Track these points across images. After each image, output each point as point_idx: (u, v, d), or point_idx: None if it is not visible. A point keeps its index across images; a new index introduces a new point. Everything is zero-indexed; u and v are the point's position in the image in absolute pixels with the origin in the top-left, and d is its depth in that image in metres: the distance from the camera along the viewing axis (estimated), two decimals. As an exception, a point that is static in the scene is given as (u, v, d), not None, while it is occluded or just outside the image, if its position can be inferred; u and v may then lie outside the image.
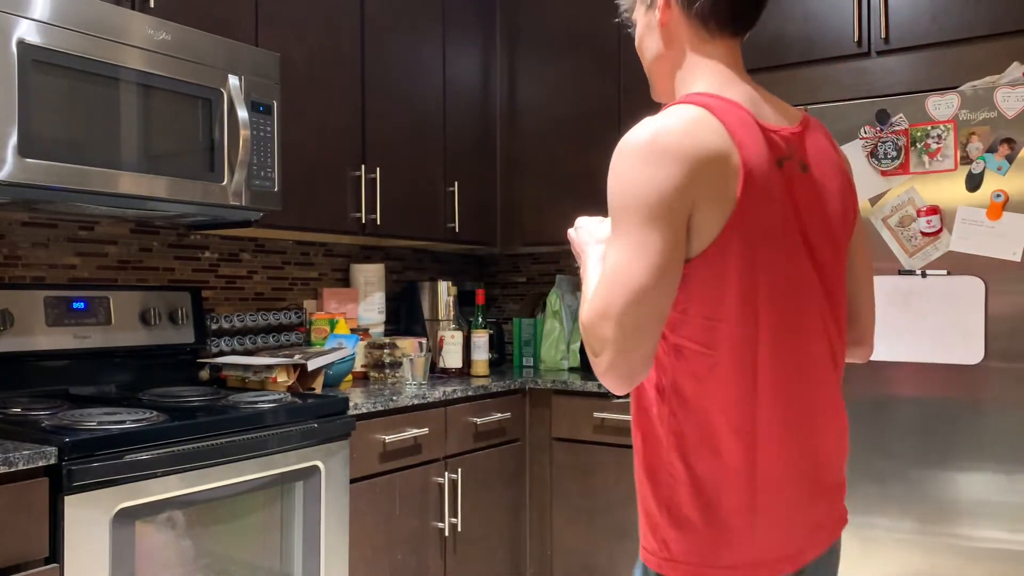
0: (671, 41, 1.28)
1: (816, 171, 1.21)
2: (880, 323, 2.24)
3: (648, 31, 1.31)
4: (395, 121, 2.97)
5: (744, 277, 1.12)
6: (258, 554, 2.08)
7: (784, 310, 1.15)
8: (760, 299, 1.13)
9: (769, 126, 1.17)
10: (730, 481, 1.13)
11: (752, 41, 2.65)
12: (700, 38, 1.25)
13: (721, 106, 1.14)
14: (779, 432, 1.15)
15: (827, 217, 1.21)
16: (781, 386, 1.15)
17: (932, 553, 2.19)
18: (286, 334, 3.02)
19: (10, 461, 1.59)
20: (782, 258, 1.15)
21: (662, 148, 1.10)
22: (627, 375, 1.11)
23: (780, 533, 1.15)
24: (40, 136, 1.87)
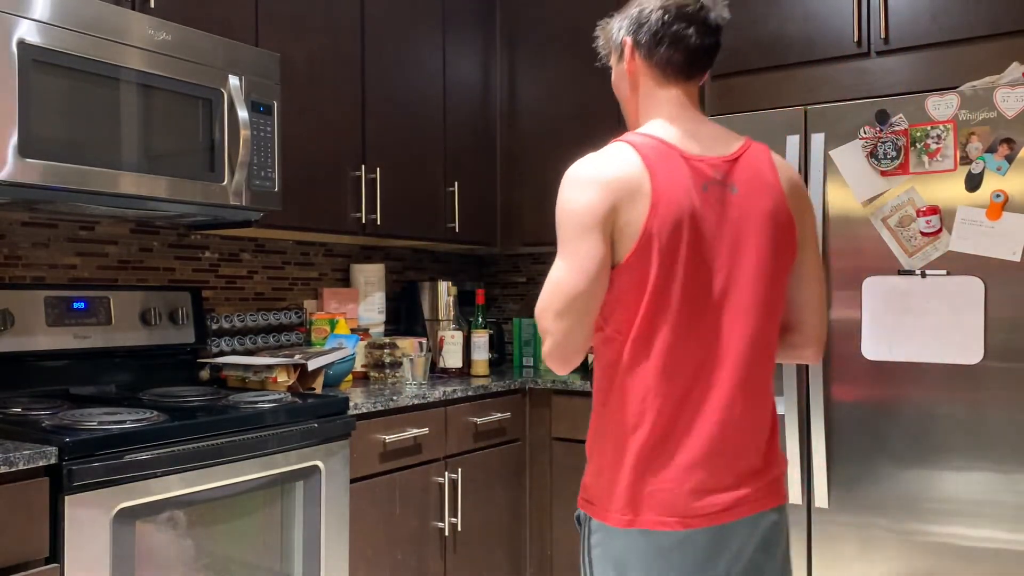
0: (636, 85, 1.54)
1: (744, 191, 1.43)
2: (880, 323, 2.24)
3: (620, 77, 1.57)
4: (395, 121, 2.97)
5: (657, 282, 1.37)
6: (258, 554, 2.08)
7: (684, 312, 1.38)
8: (670, 301, 1.37)
9: (695, 157, 1.41)
10: (629, 443, 1.39)
11: (752, 41, 2.66)
12: (658, 83, 1.50)
13: (645, 142, 1.41)
14: (671, 411, 1.38)
15: (757, 229, 1.42)
16: (674, 377, 1.38)
17: (932, 553, 2.19)
18: (286, 334, 3.02)
19: (10, 461, 1.59)
20: (691, 267, 1.37)
21: (587, 176, 1.39)
22: (562, 360, 1.41)
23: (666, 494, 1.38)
24: (40, 136, 1.87)
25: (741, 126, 2.45)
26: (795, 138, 2.34)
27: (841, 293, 2.29)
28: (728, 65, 2.71)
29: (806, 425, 2.33)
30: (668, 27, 1.46)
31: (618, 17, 1.55)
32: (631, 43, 1.51)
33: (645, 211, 1.36)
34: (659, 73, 1.50)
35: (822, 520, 2.32)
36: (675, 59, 1.47)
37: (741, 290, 1.40)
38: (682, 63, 1.48)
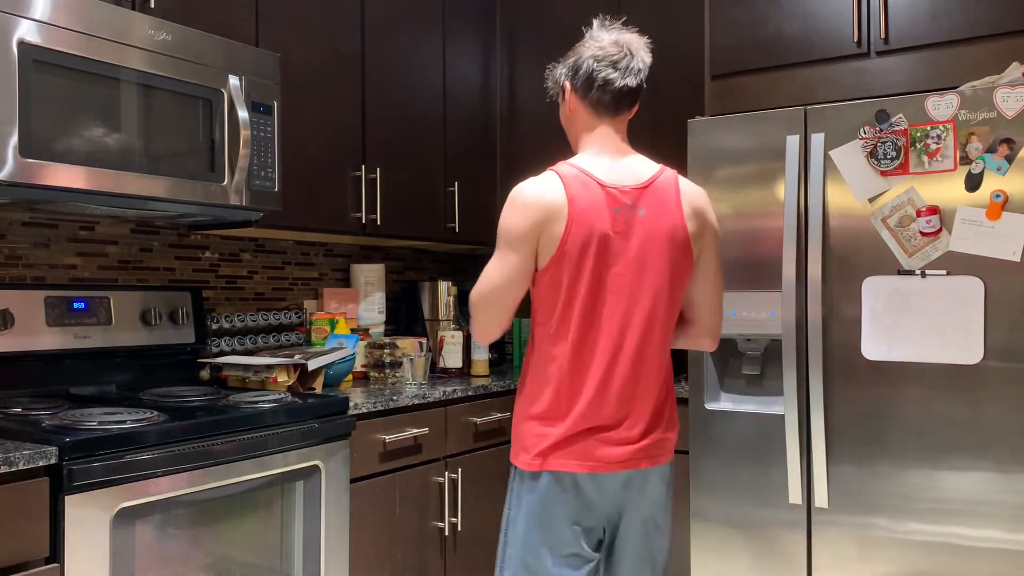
0: (574, 121, 1.89)
1: (650, 213, 1.78)
2: (879, 323, 2.24)
3: (562, 114, 1.92)
4: (395, 121, 2.97)
5: (569, 283, 1.75)
6: (258, 554, 2.08)
7: (589, 307, 1.76)
8: (577, 298, 1.76)
9: (611, 185, 1.77)
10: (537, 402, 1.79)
11: (752, 41, 2.66)
12: (591, 119, 1.86)
13: (570, 172, 1.78)
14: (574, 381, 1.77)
15: (659, 244, 1.78)
16: (579, 355, 1.77)
17: (932, 553, 2.19)
18: (286, 334, 3.02)
19: (10, 461, 1.59)
20: (595, 274, 1.75)
21: (522, 201, 1.77)
22: (482, 334, 1.85)
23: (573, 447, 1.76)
24: (40, 136, 1.87)
25: (741, 126, 2.45)
26: (795, 138, 2.34)
27: (841, 293, 2.29)
28: (728, 65, 2.71)
29: (806, 425, 2.33)
30: (598, 73, 1.80)
31: (561, 64, 1.89)
32: (569, 86, 1.86)
33: (562, 230, 1.74)
34: (591, 111, 1.85)
35: (822, 520, 2.32)
36: (604, 100, 1.82)
37: (643, 292, 1.77)
38: (609, 103, 1.82)
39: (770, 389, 2.47)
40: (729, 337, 2.50)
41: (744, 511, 2.43)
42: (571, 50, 1.89)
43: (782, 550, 2.37)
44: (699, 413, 2.51)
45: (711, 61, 2.74)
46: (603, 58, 1.82)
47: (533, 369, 1.82)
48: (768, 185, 2.40)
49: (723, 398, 2.54)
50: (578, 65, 1.84)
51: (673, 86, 3.04)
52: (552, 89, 1.95)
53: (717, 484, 2.47)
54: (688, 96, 2.96)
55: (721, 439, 2.47)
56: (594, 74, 1.81)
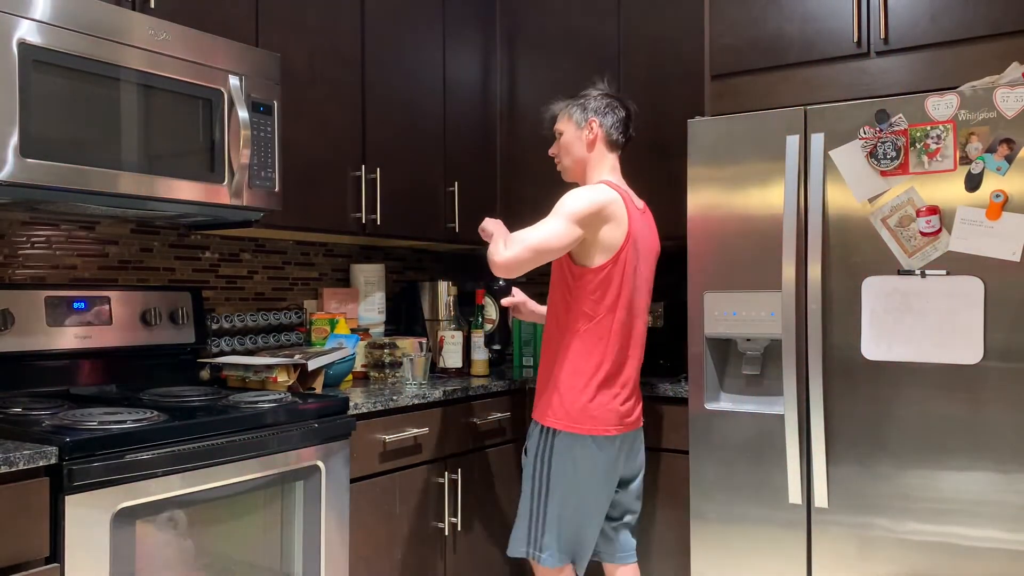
0: (591, 149, 2.44)
1: (648, 232, 2.43)
2: (879, 323, 2.24)
3: (577, 140, 2.45)
4: (395, 121, 2.97)
5: (620, 283, 2.30)
6: (258, 554, 2.08)
7: (631, 298, 2.34)
8: (624, 292, 2.31)
9: (634, 206, 2.37)
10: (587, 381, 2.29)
11: (752, 41, 2.66)
12: (606, 151, 2.46)
13: (620, 190, 2.35)
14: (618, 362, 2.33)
15: (650, 258, 2.44)
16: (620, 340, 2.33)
17: (932, 553, 2.19)
18: (286, 334, 3.02)
19: (11, 461, 1.59)
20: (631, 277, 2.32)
21: (597, 193, 2.29)
22: (508, 272, 2.25)
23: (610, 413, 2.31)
24: (41, 136, 1.87)
25: (741, 126, 2.45)
26: (795, 138, 2.34)
27: (841, 293, 2.29)
28: (727, 65, 2.71)
29: (806, 425, 2.33)
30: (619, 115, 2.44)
31: (571, 103, 2.46)
32: (598, 120, 2.42)
33: (622, 237, 2.29)
34: (608, 145, 2.44)
35: (822, 520, 2.32)
36: (619, 139, 2.45)
37: (644, 293, 2.41)
38: (622, 141, 2.47)
39: (770, 389, 2.47)
40: (729, 337, 2.50)
41: (744, 511, 2.43)
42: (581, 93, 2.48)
43: (782, 550, 2.37)
44: (699, 413, 2.51)
45: (711, 61, 2.74)
46: (616, 102, 2.45)
47: (576, 351, 2.29)
48: (768, 185, 2.40)
49: (723, 398, 2.54)
50: (601, 105, 2.42)
51: (673, 86, 3.04)
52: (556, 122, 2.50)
53: (717, 484, 2.47)
54: (688, 96, 2.96)
55: (721, 439, 2.47)
56: (616, 114, 2.43)
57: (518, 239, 2.22)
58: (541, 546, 2.32)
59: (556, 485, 2.30)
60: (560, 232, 2.22)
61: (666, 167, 3.02)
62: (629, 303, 2.32)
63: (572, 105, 2.45)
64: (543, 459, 2.32)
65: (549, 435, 2.32)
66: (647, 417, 2.77)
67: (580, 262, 2.31)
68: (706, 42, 2.76)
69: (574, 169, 2.46)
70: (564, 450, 2.30)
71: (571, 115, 2.44)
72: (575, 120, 2.43)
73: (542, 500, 2.32)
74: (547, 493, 2.31)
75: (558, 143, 2.49)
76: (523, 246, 2.21)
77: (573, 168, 2.47)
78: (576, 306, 2.30)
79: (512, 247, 2.21)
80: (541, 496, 2.32)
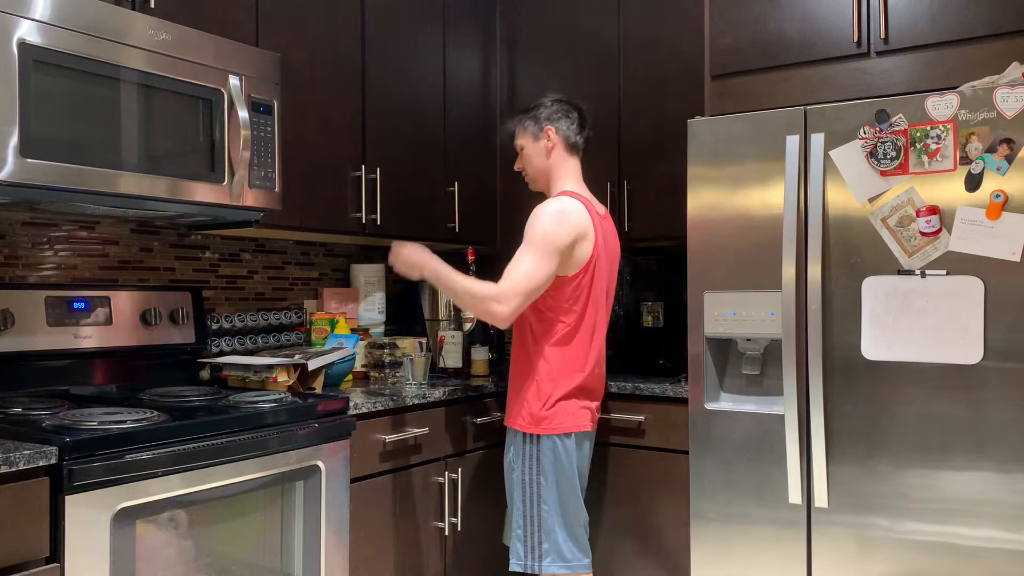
0: (551, 156, 2.50)
1: (611, 238, 2.49)
2: (879, 323, 2.24)
3: (537, 151, 2.51)
4: (395, 121, 2.97)
5: (590, 289, 2.38)
6: (258, 554, 2.08)
7: (599, 305, 2.42)
8: (593, 297, 2.38)
9: (596, 212, 2.43)
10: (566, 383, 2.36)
11: (752, 41, 2.66)
12: (567, 156, 2.51)
13: (582, 199, 2.40)
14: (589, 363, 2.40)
15: (613, 262, 2.50)
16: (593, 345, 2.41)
17: (932, 553, 2.19)
18: (286, 334, 3.02)
19: (11, 461, 1.59)
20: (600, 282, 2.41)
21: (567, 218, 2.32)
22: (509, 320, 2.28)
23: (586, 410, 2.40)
24: (41, 136, 1.87)
25: (741, 126, 2.45)
26: (795, 138, 2.34)
27: (840, 293, 2.29)
28: (727, 65, 2.71)
29: (806, 425, 2.33)
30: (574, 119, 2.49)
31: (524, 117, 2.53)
32: (553, 128, 2.47)
33: (591, 248, 2.36)
34: (567, 150, 2.49)
35: (822, 520, 2.32)
36: (578, 141, 2.51)
37: (608, 296, 2.49)
38: (581, 143, 2.52)
39: (770, 389, 2.47)
40: (729, 337, 2.50)
41: (744, 511, 2.43)
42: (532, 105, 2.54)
43: (782, 550, 2.37)
44: (699, 413, 2.51)
45: (711, 61, 2.74)
46: (570, 107, 2.51)
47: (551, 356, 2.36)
48: (768, 185, 2.40)
49: (723, 398, 2.54)
50: (553, 112, 2.48)
51: (673, 86, 3.04)
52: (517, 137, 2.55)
53: (717, 484, 2.47)
54: (688, 96, 2.96)
55: (721, 439, 2.47)
56: (571, 117, 2.48)
57: (510, 292, 2.25)
58: (540, 555, 2.33)
59: (548, 492, 2.34)
60: (544, 269, 2.27)
61: (666, 167, 3.02)
62: (596, 308, 2.40)
63: (526, 118, 2.52)
64: (531, 466, 2.35)
65: (534, 441, 2.35)
66: (647, 417, 2.78)
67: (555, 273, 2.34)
68: (706, 42, 2.76)
69: (538, 179, 2.54)
70: (548, 452, 2.34)
71: (526, 128, 2.51)
72: (531, 132, 2.50)
73: (536, 507, 2.34)
74: (540, 499, 2.34)
75: (521, 157, 2.57)
76: (517, 297, 2.25)
77: (537, 178, 2.54)
78: (550, 314, 2.36)
79: (507, 301, 2.25)
80: (534, 503, 2.34)
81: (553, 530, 2.33)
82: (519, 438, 2.38)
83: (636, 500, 2.80)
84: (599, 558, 2.86)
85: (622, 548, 2.83)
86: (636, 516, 2.80)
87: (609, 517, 2.85)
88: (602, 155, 3.15)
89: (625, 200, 3.13)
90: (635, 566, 2.81)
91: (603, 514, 2.85)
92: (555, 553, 2.33)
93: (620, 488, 2.82)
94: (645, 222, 3.09)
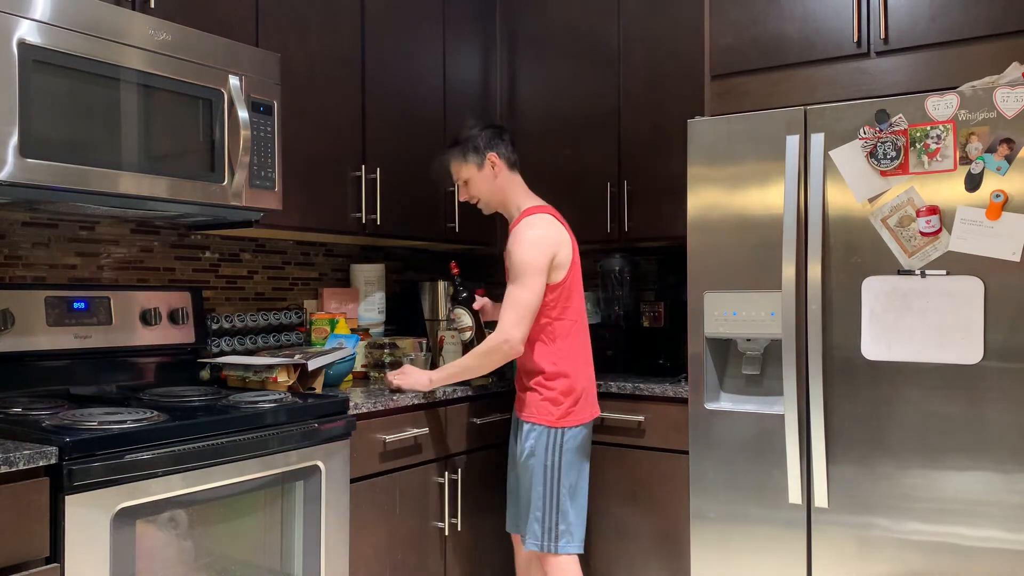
0: (498, 179, 2.59)
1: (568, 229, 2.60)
2: (879, 323, 2.24)
3: (485, 178, 2.60)
4: (395, 121, 2.97)
5: (576, 289, 2.54)
6: (258, 554, 2.08)
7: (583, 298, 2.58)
8: (576, 300, 2.54)
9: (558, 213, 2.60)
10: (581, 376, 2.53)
11: (752, 41, 2.66)
12: (511, 174, 2.62)
13: (545, 208, 2.57)
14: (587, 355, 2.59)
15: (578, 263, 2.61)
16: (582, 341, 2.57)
17: (932, 553, 2.19)
18: (286, 334, 3.02)
19: (11, 461, 1.59)
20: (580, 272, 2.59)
21: (538, 239, 2.46)
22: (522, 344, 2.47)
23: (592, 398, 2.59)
24: (41, 136, 1.87)
25: (741, 126, 2.45)
26: (795, 138, 2.34)
27: (840, 293, 2.29)
28: (727, 65, 2.71)
29: (806, 425, 2.33)
30: (506, 140, 2.61)
31: (460, 150, 2.60)
32: (495, 153, 2.57)
33: (570, 253, 2.52)
34: (509, 168, 2.61)
35: (822, 520, 2.32)
36: (513, 157, 2.62)
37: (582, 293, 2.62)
38: (517, 159, 2.64)
39: (770, 389, 2.47)
40: (729, 337, 2.50)
41: (744, 511, 2.43)
42: (463, 138, 2.61)
43: (782, 550, 2.37)
44: (699, 413, 2.51)
45: (711, 61, 2.74)
46: (500, 131, 2.63)
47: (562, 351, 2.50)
48: (768, 185, 2.40)
49: (723, 398, 2.54)
50: (490, 137, 2.59)
51: (673, 86, 3.04)
52: (457, 170, 2.63)
53: (717, 484, 2.47)
54: (688, 96, 2.96)
55: (721, 439, 2.47)
56: (504, 139, 2.60)
57: (511, 324, 2.43)
58: (556, 536, 2.46)
59: (566, 476, 2.47)
60: (537, 290, 2.44)
61: (666, 167, 3.02)
62: (582, 301, 2.58)
63: (466, 151, 2.59)
64: (554, 456, 2.47)
65: (556, 433, 2.47)
66: (647, 417, 2.78)
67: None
68: (706, 42, 2.76)
69: (492, 202, 2.62)
70: (571, 441, 2.48)
71: (468, 159, 2.58)
72: (474, 163, 2.58)
73: (555, 492, 2.46)
74: (559, 486, 2.46)
75: (466, 189, 2.63)
76: (520, 324, 2.44)
77: (491, 202, 2.62)
78: (553, 314, 2.49)
79: (512, 331, 2.44)
80: (555, 489, 2.46)
81: (568, 512, 2.47)
82: (538, 431, 2.48)
83: (636, 500, 2.80)
84: (599, 558, 2.86)
85: (622, 548, 2.83)
86: (636, 516, 2.80)
87: (609, 517, 2.85)
88: (602, 155, 3.15)
89: (625, 200, 3.13)
90: (635, 566, 2.80)
91: (603, 514, 2.85)
92: (569, 535, 2.47)
93: (620, 488, 2.82)
94: (645, 222, 3.09)
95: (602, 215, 3.16)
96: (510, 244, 2.48)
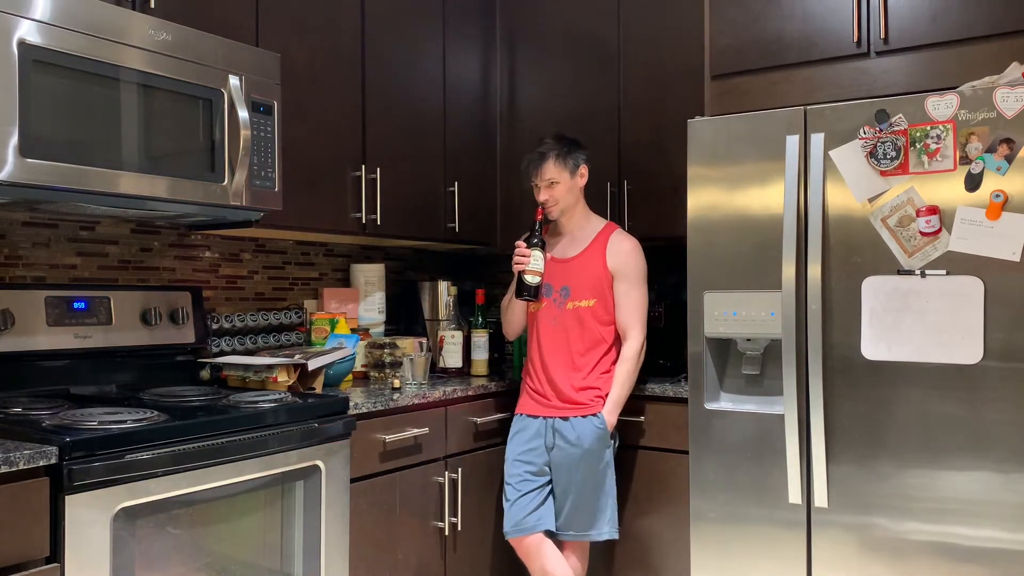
0: (580, 189, 2.77)
1: None
2: (879, 323, 2.24)
3: (573, 187, 2.73)
4: (395, 121, 2.97)
5: None
6: (258, 554, 2.08)
7: None
8: None
9: None
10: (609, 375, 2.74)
11: (752, 41, 2.66)
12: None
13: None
14: None
15: None
16: None
17: (931, 553, 2.19)
18: (286, 334, 3.02)
19: (11, 461, 1.60)
20: None
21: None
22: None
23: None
24: (41, 136, 1.87)
25: (741, 126, 2.45)
26: (795, 138, 2.34)
27: (840, 293, 2.29)
28: (727, 65, 2.71)
29: (806, 425, 2.33)
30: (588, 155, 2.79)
31: (565, 151, 2.69)
32: (586, 167, 2.74)
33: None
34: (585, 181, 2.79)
35: (822, 520, 2.32)
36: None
37: None
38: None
39: (770, 389, 2.47)
40: (729, 337, 2.50)
41: (744, 511, 2.43)
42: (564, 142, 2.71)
43: (781, 550, 2.37)
44: (699, 413, 2.51)
45: (711, 61, 2.74)
46: (585, 148, 2.78)
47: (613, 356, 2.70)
48: (768, 185, 2.40)
49: (723, 398, 2.54)
50: (585, 150, 2.75)
51: (673, 86, 3.04)
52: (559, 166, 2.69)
53: (717, 484, 2.47)
54: (688, 96, 2.96)
55: (721, 439, 2.47)
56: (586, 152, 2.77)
57: (641, 327, 2.69)
58: (617, 522, 2.69)
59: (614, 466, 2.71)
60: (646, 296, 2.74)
61: (666, 167, 3.02)
62: None
63: (565, 155, 2.69)
64: (613, 449, 2.68)
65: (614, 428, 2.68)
66: (647, 417, 2.78)
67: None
68: (706, 42, 2.76)
69: (567, 208, 2.74)
70: (617, 434, 2.73)
71: (566, 164, 2.68)
72: (569, 169, 2.69)
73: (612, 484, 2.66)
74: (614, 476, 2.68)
75: (549, 190, 2.69)
76: (644, 330, 2.70)
77: (566, 208, 2.74)
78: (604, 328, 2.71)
79: (641, 334, 2.69)
80: (614, 481, 2.67)
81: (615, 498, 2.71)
82: (600, 426, 2.62)
83: (636, 500, 2.80)
84: (600, 558, 2.86)
85: (622, 548, 2.83)
86: (636, 516, 2.80)
87: (609, 517, 2.85)
88: (602, 155, 3.15)
89: (625, 200, 3.13)
90: (635, 566, 2.81)
91: (603, 514, 2.85)
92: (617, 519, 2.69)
93: (620, 488, 2.82)
94: (645, 222, 3.09)
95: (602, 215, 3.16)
96: (628, 253, 2.69)
